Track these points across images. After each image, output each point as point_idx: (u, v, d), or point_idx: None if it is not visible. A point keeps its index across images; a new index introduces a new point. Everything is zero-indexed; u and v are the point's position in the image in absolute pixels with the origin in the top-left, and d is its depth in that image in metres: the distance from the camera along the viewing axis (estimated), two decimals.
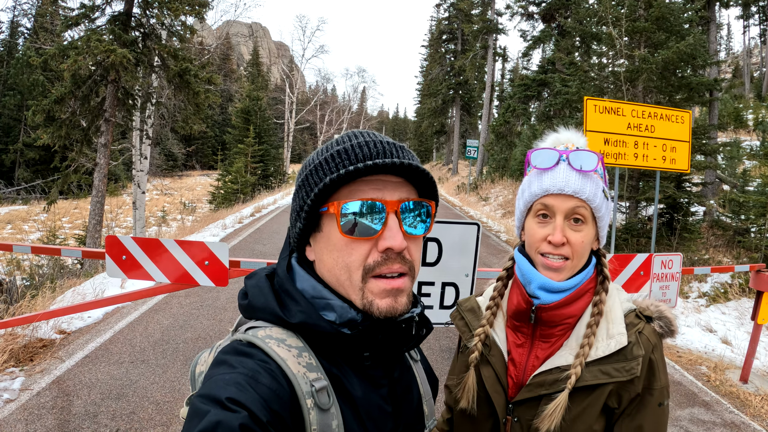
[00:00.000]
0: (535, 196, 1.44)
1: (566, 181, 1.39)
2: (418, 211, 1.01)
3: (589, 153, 1.42)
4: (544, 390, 1.41)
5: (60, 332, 6.82)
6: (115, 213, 28.61)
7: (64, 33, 16.07)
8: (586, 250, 1.43)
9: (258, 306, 1.02)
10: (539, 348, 1.49)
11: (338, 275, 0.99)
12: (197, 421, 0.80)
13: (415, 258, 1.02)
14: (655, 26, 12.79)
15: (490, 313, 1.59)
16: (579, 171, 1.40)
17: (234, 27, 43.09)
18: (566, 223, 1.40)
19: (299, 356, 0.95)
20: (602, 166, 1.46)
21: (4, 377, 5.44)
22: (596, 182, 1.42)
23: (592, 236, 1.43)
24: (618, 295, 1.51)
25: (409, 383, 1.16)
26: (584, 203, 1.39)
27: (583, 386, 1.37)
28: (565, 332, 1.46)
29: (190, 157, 64.45)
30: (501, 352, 1.53)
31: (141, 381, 5.57)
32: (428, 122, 55.65)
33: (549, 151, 1.44)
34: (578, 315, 1.46)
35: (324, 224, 1.00)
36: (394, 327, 1.02)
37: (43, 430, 4.54)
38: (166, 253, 4.36)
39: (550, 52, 32.67)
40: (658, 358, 1.41)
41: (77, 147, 14.66)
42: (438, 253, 3.94)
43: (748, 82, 48.76)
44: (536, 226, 1.44)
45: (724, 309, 9.68)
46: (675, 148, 8.79)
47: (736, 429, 5.30)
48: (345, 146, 0.99)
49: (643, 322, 1.45)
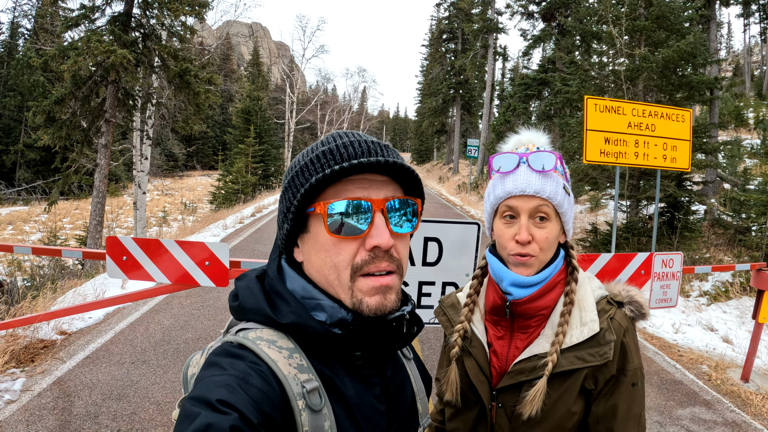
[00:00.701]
0: (500, 199, 1.52)
1: (527, 183, 1.46)
2: (404, 210, 1.02)
3: (547, 153, 1.49)
4: (524, 377, 1.49)
5: (61, 333, 6.83)
6: (116, 213, 28.60)
7: (64, 34, 16.09)
8: (552, 245, 1.50)
9: (249, 307, 1.02)
10: (518, 339, 1.56)
11: (327, 275, 1.00)
12: (188, 424, 0.80)
13: (403, 256, 1.03)
14: (655, 25, 12.77)
15: (468, 310, 1.66)
16: (539, 172, 1.48)
17: (234, 27, 43.14)
18: (531, 222, 1.48)
19: (290, 357, 0.95)
20: (561, 164, 1.53)
21: (6, 378, 5.45)
22: (556, 180, 1.49)
23: (557, 231, 1.51)
24: (590, 284, 1.58)
25: (402, 382, 1.16)
26: (546, 201, 1.47)
27: (561, 372, 1.45)
28: (541, 322, 1.54)
29: (191, 158, 64.47)
30: (482, 344, 1.60)
31: (142, 381, 5.57)
32: (429, 122, 55.68)
33: (509, 155, 1.53)
34: (552, 306, 1.54)
35: (311, 225, 1.01)
36: (384, 325, 1.02)
37: (45, 430, 4.55)
38: (167, 253, 4.36)
39: (550, 51, 32.66)
40: (630, 342, 1.48)
41: (78, 148, 14.67)
42: (438, 253, 3.93)
43: (748, 81, 48.69)
44: (503, 226, 1.52)
45: (725, 308, 9.67)
46: (676, 146, 8.78)
47: (737, 428, 5.29)
48: (330, 146, 0.99)
49: (614, 307, 1.53)
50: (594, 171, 13.38)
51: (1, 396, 5.10)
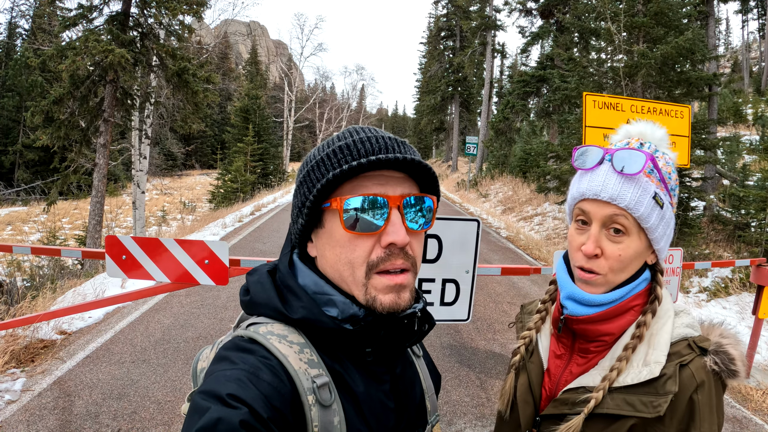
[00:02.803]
0: (574, 200, 1.33)
1: (603, 186, 1.25)
2: (419, 207, 1.01)
3: (638, 152, 1.25)
4: (567, 409, 1.31)
5: (61, 333, 6.82)
6: (115, 213, 28.60)
7: (62, 33, 16.08)
8: (626, 265, 1.27)
9: (260, 302, 1.02)
10: (575, 363, 1.38)
11: (341, 271, 0.99)
12: (197, 418, 0.80)
13: (417, 254, 1.02)
14: (653, 21, 12.77)
15: (539, 317, 1.51)
16: (620, 173, 1.24)
17: (232, 26, 43.08)
18: (603, 233, 1.26)
19: (301, 352, 0.95)
20: (656, 167, 1.28)
21: (6, 378, 5.45)
22: (644, 187, 1.24)
23: (637, 249, 1.27)
24: (675, 319, 1.31)
25: (412, 379, 1.15)
26: (623, 211, 1.23)
27: (603, 414, 1.23)
28: (603, 350, 1.33)
29: (190, 157, 64.45)
30: (540, 361, 1.45)
31: (142, 381, 5.57)
32: (427, 119, 55.64)
33: (593, 149, 1.31)
34: (618, 334, 1.32)
35: (326, 220, 1.00)
36: (396, 322, 1.02)
37: (45, 430, 4.55)
38: (166, 252, 4.36)
39: (548, 48, 32.67)
40: (703, 401, 1.18)
41: (76, 147, 14.69)
42: (438, 250, 3.93)
43: (747, 77, 48.75)
44: (575, 232, 1.32)
45: (725, 304, 9.68)
46: (674, 143, 8.76)
47: (737, 423, 5.30)
48: (347, 142, 0.99)
49: (694, 353, 1.23)
50: None
51: (1, 396, 5.09)
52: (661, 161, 1.30)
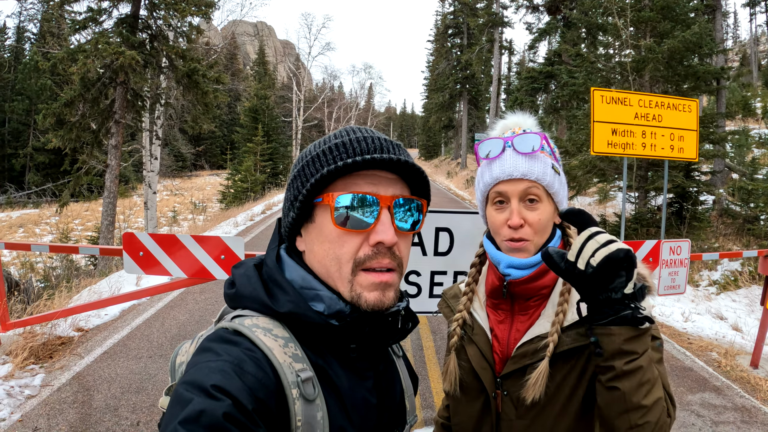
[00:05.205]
0: (489, 186, 1.50)
1: (514, 166, 1.44)
2: (409, 208, 1.03)
3: (532, 134, 1.47)
4: (527, 360, 1.45)
5: (78, 330, 6.94)
6: (126, 214, 28.77)
7: (72, 36, 16.20)
8: (545, 227, 1.48)
9: (245, 295, 1.02)
10: (519, 321, 1.53)
11: (328, 266, 1.01)
12: (179, 409, 0.79)
13: (404, 254, 1.04)
14: (660, 16, 12.76)
15: (467, 298, 1.65)
16: (524, 154, 1.45)
17: (240, 26, 43.25)
18: (522, 205, 1.45)
19: (285, 346, 0.95)
20: (548, 143, 1.51)
21: (25, 374, 5.56)
22: (543, 161, 1.47)
23: (550, 212, 1.48)
24: None
25: (393, 378, 1.18)
26: (535, 183, 1.44)
27: (563, 351, 1.40)
28: (541, 303, 1.51)
29: (199, 157, 64.65)
30: (484, 330, 1.58)
31: (160, 375, 5.67)
32: (436, 117, 55.63)
33: (493, 140, 1.50)
34: (551, 285, 1.50)
35: (317, 215, 1.02)
36: (380, 320, 1.03)
37: (65, 423, 4.65)
38: (183, 248, 4.44)
39: (556, 44, 32.59)
40: None
41: (88, 149, 14.83)
42: (450, 243, 3.98)
43: (755, 71, 48.37)
44: (495, 213, 1.50)
45: (735, 296, 9.70)
46: (683, 137, 8.80)
47: (746, 413, 5.34)
48: (343, 140, 1.01)
49: None
50: (602, 162, 13.40)
51: (21, 391, 5.20)
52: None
